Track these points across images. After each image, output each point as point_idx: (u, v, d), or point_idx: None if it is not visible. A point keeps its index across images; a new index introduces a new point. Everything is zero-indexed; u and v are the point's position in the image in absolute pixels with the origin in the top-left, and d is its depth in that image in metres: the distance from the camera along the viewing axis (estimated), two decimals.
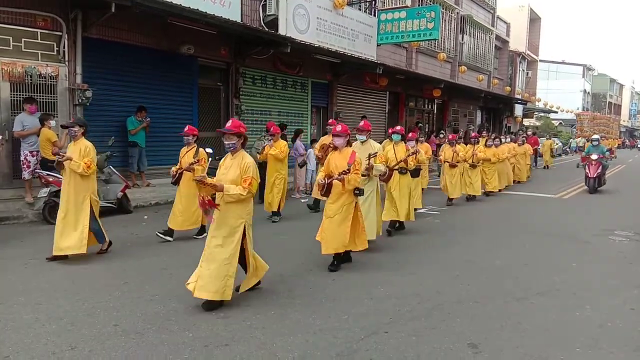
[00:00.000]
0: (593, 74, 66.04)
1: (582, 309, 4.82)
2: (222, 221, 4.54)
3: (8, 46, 8.55)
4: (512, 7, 33.46)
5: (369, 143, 6.77)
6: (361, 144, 6.72)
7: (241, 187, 4.46)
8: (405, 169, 7.64)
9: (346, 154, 5.72)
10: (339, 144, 5.83)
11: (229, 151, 4.72)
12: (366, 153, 6.34)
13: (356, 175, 5.60)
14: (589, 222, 9.49)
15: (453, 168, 11.05)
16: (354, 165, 5.59)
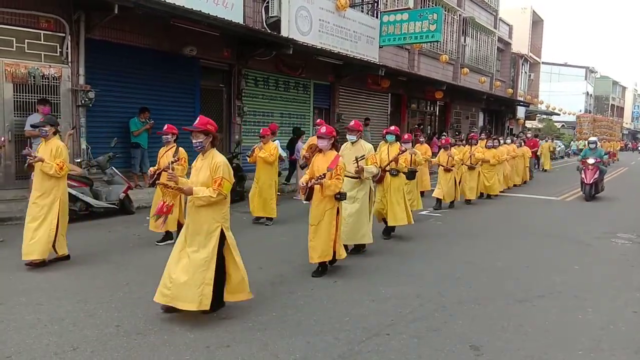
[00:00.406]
0: (595, 76, 65.97)
1: (583, 311, 4.81)
2: (196, 227, 4.26)
3: (11, 47, 8.58)
4: (514, 9, 33.50)
5: (360, 144, 6.46)
6: (351, 145, 6.45)
7: (211, 189, 4.15)
8: (396, 170, 7.24)
9: (329, 158, 5.47)
10: (322, 146, 5.59)
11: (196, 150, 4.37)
12: (358, 154, 6.11)
13: (337, 181, 5.30)
14: (591, 225, 9.47)
15: (448, 172, 10.68)
16: (335, 170, 5.32)
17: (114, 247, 6.45)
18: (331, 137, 5.56)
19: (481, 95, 24.87)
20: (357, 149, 6.34)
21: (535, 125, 42.12)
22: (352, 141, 6.46)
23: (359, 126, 6.50)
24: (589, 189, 12.69)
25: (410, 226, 8.88)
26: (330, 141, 5.58)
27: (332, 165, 5.37)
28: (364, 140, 6.75)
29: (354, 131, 6.44)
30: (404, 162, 7.29)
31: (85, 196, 8.25)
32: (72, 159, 8.95)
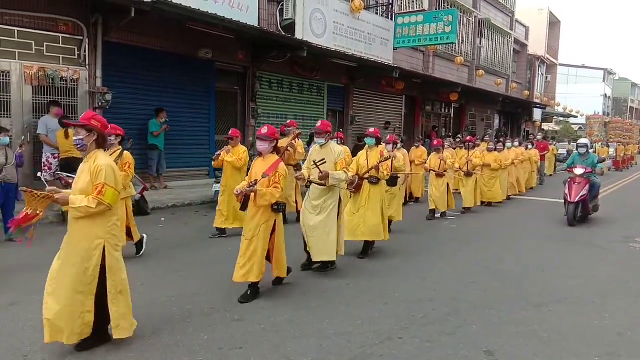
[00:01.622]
0: (614, 78, 64.97)
1: (600, 316, 4.73)
2: (72, 243, 3.62)
3: (31, 50, 8.74)
4: (531, 11, 33.18)
5: (329, 147, 5.75)
6: (320, 148, 5.76)
7: (90, 198, 3.48)
8: (376, 178, 6.42)
9: (268, 162, 4.85)
10: (262, 149, 4.90)
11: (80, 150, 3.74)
12: (327, 158, 5.54)
13: (274, 189, 4.66)
14: (608, 229, 9.32)
15: (440, 178, 9.75)
16: (273, 177, 4.72)
17: (129, 247, 6.51)
18: (272, 139, 4.93)
19: (497, 97, 24.65)
20: (327, 152, 5.67)
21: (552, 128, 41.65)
22: (320, 144, 5.78)
23: (327, 127, 5.79)
24: (573, 210, 9.21)
25: (423, 229, 8.86)
26: (271, 144, 4.93)
27: (268, 171, 4.74)
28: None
29: (322, 133, 5.74)
30: (386, 169, 6.52)
31: None
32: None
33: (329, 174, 5.42)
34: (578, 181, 9.22)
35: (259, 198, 4.63)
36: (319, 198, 5.68)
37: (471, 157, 10.78)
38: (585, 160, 9.62)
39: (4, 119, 8.43)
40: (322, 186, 5.57)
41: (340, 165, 5.64)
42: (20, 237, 3.57)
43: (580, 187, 9.18)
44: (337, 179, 5.55)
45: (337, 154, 5.70)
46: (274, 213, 4.85)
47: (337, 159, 5.65)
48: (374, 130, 6.76)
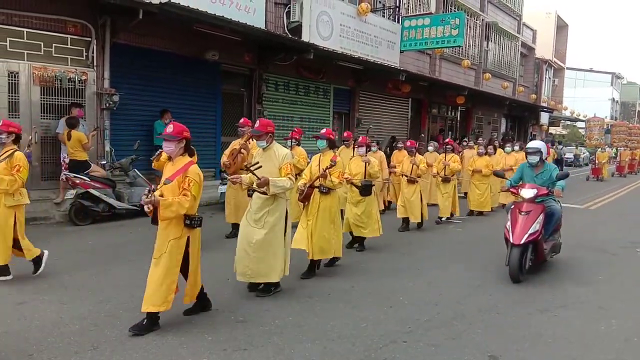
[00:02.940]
0: (622, 82, 64.63)
1: (607, 322, 4.70)
2: None
3: (40, 51, 8.80)
4: (538, 14, 33.02)
5: (273, 150, 5.05)
6: (263, 152, 5.08)
7: None
8: (325, 187, 5.70)
9: (178, 166, 4.13)
10: (169, 151, 4.17)
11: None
12: (269, 163, 4.95)
13: (183, 198, 3.95)
14: (617, 234, 9.26)
15: (412, 184, 8.77)
16: (183, 183, 4.03)
17: (135, 248, 6.54)
18: (180, 139, 4.15)
19: (504, 100, 24.55)
20: (270, 156, 5.02)
21: (559, 132, 41.47)
22: (262, 147, 5.09)
23: (266, 127, 5.03)
24: (518, 257, 5.76)
25: (428, 232, 8.82)
26: (179, 144, 4.16)
27: (172, 177, 4.05)
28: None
29: (261, 135, 5.01)
30: (338, 176, 5.70)
31: (108, 197, 8.41)
32: (96, 161, 9.16)
33: (268, 180, 4.72)
34: (526, 209, 5.89)
35: (163, 209, 3.87)
36: (261, 210, 4.96)
37: (449, 161, 9.64)
38: (538, 175, 6.28)
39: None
40: (264, 195, 4.86)
41: (285, 171, 4.90)
42: None
43: (530, 219, 5.80)
44: (279, 186, 4.81)
45: (282, 157, 4.97)
46: (186, 228, 4.12)
47: (282, 164, 4.93)
48: (325, 131, 6.01)
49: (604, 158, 21.93)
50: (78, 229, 7.87)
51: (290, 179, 4.91)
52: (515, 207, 6.10)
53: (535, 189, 6.08)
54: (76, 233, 7.59)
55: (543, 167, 6.35)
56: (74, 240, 6.97)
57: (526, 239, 5.74)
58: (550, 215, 6.21)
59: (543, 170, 6.33)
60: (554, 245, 6.61)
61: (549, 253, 6.42)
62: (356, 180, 6.90)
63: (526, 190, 6.13)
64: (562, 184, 6.15)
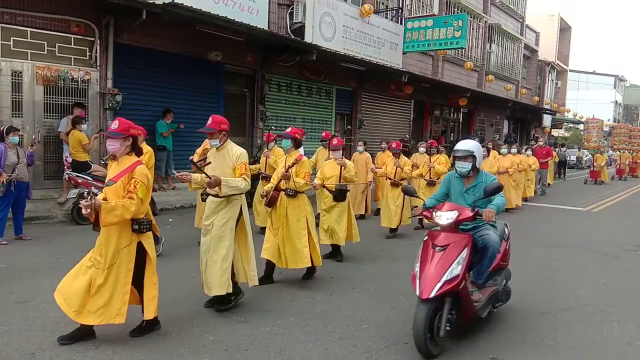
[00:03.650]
0: (625, 84, 64.52)
1: (609, 325, 4.69)
2: None
3: (43, 51, 8.82)
4: (541, 16, 33.00)
5: (227, 149, 4.63)
6: (216, 151, 4.66)
7: None
8: (292, 190, 5.40)
9: (123, 166, 3.79)
10: (114, 149, 3.83)
11: None
12: (223, 163, 4.57)
13: (128, 201, 3.62)
14: (619, 237, 9.24)
15: (395, 188, 8.21)
16: (129, 185, 3.70)
17: None
18: (126, 136, 3.81)
19: (506, 102, 24.54)
20: (224, 156, 4.62)
21: (562, 134, 41.42)
22: (214, 146, 4.67)
23: (219, 125, 4.60)
24: (428, 315, 3.82)
25: None
26: (125, 142, 3.82)
27: (116, 178, 3.72)
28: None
29: (215, 132, 4.58)
30: (303, 176, 5.39)
31: None
32: (99, 161, 9.17)
33: (219, 180, 4.28)
34: (442, 242, 4.04)
35: (105, 213, 3.49)
36: (214, 214, 4.55)
37: (434, 163, 8.99)
38: (469, 190, 4.47)
39: (16, 119, 8.51)
40: (217, 197, 4.48)
41: (240, 171, 4.52)
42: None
43: (447, 257, 3.96)
44: (232, 186, 4.37)
45: (236, 157, 4.57)
46: (135, 234, 3.81)
47: (236, 164, 4.55)
48: (290, 130, 5.63)
49: (602, 160, 21.50)
50: (80, 228, 7.88)
51: (245, 179, 4.48)
52: (427, 239, 4.14)
53: (456, 210, 4.06)
54: (78, 232, 7.60)
55: (476, 179, 4.41)
56: (76, 240, 6.97)
57: (439, 290, 3.77)
58: (483, 250, 4.18)
59: (476, 183, 4.39)
60: (496, 293, 4.48)
61: (484, 306, 4.27)
62: (330, 185, 6.47)
63: (442, 213, 4.10)
64: (499, 203, 4.17)
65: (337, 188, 6.42)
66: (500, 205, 4.21)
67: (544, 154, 16.20)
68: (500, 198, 4.26)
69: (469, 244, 4.03)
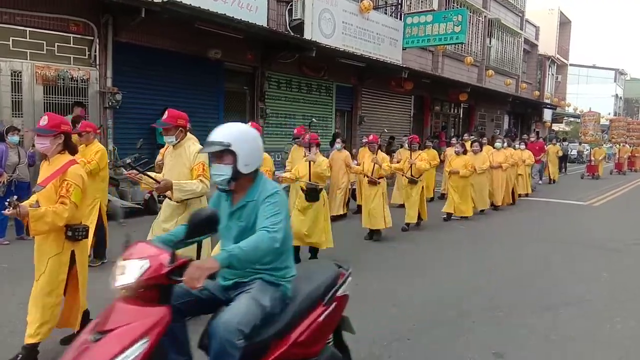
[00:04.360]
0: (625, 78, 64.37)
1: (611, 320, 4.69)
2: None
3: (42, 50, 8.81)
4: (541, 11, 32.91)
5: (184, 147, 4.23)
6: (173, 149, 4.30)
7: None
8: None
9: (55, 166, 3.40)
10: (43, 148, 3.45)
11: None
12: (179, 162, 4.20)
13: (61, 207, 3.24)
14: (621, 231, 9.24)
15: (373, 186, 7.64)
16: (60, 189, 3.31)
17: None
18: (57, 134, 3.43)
19: (506, 97, 24.50)
20: (179, 155, 4.24)
21: (563, 129, 41.36)
22: (170, 143, 4.26)
23: (176, 119, 4.19)
24: None
25: (432, 231, 8.77)
26: (56, 140, 3.44)
27: (46, 181, 3.31)
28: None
29: (171, 128, 4.18)
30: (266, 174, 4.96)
31: (112, 196, 8.42)
32: None
33: (170, 184, 3.87)
34: (109, 324, 2.19)
35: (34, 222, 3.13)
36: (171, 219, 4.15)
37: (415, 159, 8.45)
38: (236, 213, 2.65)
39: (16, 119, 8.50)
40: (175, 202, 4.04)
41: (197, 172, 4.07)
42: None
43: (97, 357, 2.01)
44: (187, 190, 3.94)
45: (193, 156, 4.14)
46: (69, 242, 3.43)
47: (193, 164, 4.13)
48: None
49: (600, 154, 20.98)
50: None
51: (202, 181, 4.03)
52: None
53: (147, 259, 2.22)
54: None
55: (246, 195, 2.66)
56: None
57: None
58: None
59: (244, 202, 2.64)
60: None
61: None
62: (301, 183, 5.98)
63: (126, 262, 2.29)
64: (247, 247, 2.34)
65: (307, 187, 5.90)
66: (247, 250, 2.32)
67: (536, 149, 15.47)
68: (260, 235, 2.40)
69: (155, 331, 2.12)
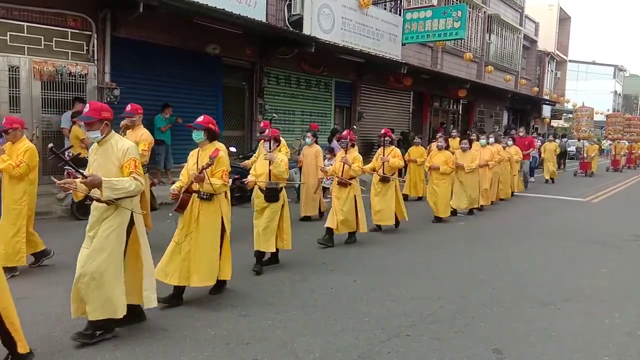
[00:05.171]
0: (625, 74, 64.35)
1: (610, 315, 4.68)
2: None
3: (40, 45, 8.77)
4: (541, 7, 32.82)
5: (110, 143, 3.81)
6: (98, 145, 3.84)
7: None
8: (207, 193, 4.48)
9: None
10: None
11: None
12: (106, 160, 3.77)
13: None
14: (619, 227, 9.23)
15: (343, 187, 6.94)
16: None
17: None
18: None
19: (506, 93, 24.47)
20: (105, 151, 3.80)
21: (562, 125, 41.34)
22: (95, 139, 3.81)
23: (100, 113, 3.75)
24: None
25: (430, 227, 8.76)
26: None
27: None
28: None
29: (94, 122, 3.73)
30: (221, 176, 4.44)
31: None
32: None
33: (98, 180, 3.48)
34: None
35: None
36: (98, 222, 3.73)
37: (387, 156, 7.73)
38: None
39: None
40: (103, 203, 3.65)
41: (128, 169, 3.70)
42: None
43: None
44: (118, 189, 3.56)
45: (123, 152, 3.74)
46: None
47: (123, 160, 3.73)
48: (203, 119, 4.61)
49: (593, 151, 20.57)
50: (80, 223, 7.83)
51: (135, 178, 3.67)
52: None
53: None
54: (78, 228, 7.54)
55: None
56: (76, 235, 6.93)
57: None
58: None
59: None
60: None
61: None
62: (261, 183, 5.58)
63: None
64: None
65: (266, 187, 5.52)
66: None
67: (525, 144, 14.70)
68: None
69: None
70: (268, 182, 5.53)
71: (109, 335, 3.79)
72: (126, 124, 6.46)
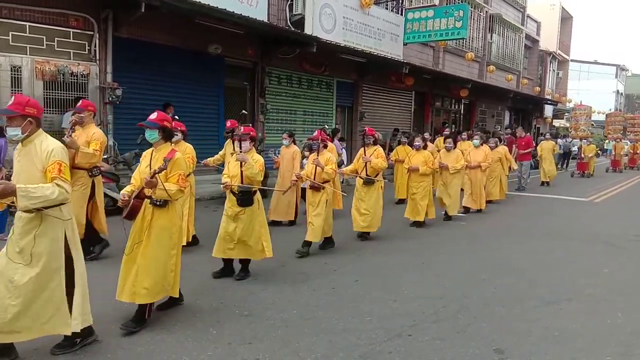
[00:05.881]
0: (627, 74, 64.22)
1: (613, 315, 4.67)
2: None
3: (42, 45, 8.78)
4: (543, 6, 32.76)
5: (34, 144, 3.43)
6: (22, 146, 3.47)
7: None
8: (159, 199, 3.96)
9: None
10: None
11: None
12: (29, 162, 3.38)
13: None
14: (622, 227, 9.22)
15: (316, 192, 6.40)
16: None
17: None
18: None
19: (508, 93, 24.43)
20: (29, 153, 3.41)
21: (563, 124, 41.28)
22: (15, 137, 3.41)
23: (23, 108, 3.37)
24: None
25: (432, 227, 8.75)
26: None
27: None
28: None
29: (16, 117, 3.35)
30: (177, 181, 3.99)
31: (112, 192, 8.41)
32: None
33: (12, 188, 3.10)
34: None
35: None
36: (25, 235, 3.30)
37: (370, 156, 7.16)
38: None
39: None
40: (29, 213, 3.27)
41: (51, 174, 3.29)
42: None
43: None
44: (37, 197, 3.17)
45: (46, 154, 3.34)
46: None
47: (47, 163, 3.33)
48: (156, 116, 4.17)
49: (590, 151, 19.95)
50: None
51: (59, 185, 3.26)
52: None
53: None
54: None
55: None
56: None
57: None
58: None
59: None
60: None
61: None
62: (234, 186, 5.16)
63: None
64: None
65: (238, 190, 5.12)
66: None
67: (523, 144, 14.22)
68: None
69: None
70: (239, 185, 5.10)
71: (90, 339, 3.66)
72: (74, 120, 5.66)
